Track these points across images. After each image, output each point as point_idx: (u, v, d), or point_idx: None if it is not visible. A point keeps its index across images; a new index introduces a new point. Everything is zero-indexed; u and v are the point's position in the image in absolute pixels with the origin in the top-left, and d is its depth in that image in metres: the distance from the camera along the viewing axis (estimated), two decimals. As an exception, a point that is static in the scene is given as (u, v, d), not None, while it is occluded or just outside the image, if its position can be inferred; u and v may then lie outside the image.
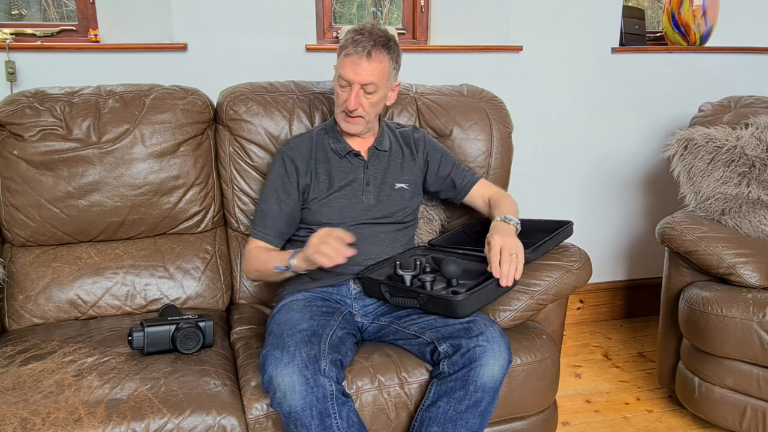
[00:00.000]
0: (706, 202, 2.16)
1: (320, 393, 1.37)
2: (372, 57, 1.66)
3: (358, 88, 1.68)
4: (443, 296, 1.54)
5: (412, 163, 1.86)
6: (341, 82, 1.70)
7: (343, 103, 1.72)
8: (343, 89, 1.71)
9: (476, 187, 1.90)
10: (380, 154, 1.83)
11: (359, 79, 1.67)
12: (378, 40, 1.67)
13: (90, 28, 2.29)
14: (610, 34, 2.64)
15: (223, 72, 2.27)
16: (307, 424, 1.37)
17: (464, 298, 1.51)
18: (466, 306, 1.52)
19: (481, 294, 1.54)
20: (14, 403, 1.38)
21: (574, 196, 2.78)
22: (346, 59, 1.67)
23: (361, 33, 1.67)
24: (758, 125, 2.22)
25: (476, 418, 1.47)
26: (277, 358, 1.40)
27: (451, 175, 1.89)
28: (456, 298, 1.51)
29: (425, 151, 1.89)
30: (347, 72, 1.67)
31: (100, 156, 1.86)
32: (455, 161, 1.92)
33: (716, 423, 1.98)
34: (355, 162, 1.80)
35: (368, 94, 1.70)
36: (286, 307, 1.65)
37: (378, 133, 1.85)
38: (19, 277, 1.83)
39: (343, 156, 1.80)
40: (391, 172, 1.83)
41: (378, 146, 1.83)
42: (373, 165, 1.81)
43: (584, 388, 2.37)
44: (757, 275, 1.96)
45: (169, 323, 1.59)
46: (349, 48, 1.67)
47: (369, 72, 1.67)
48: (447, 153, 1.93)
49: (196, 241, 1.97)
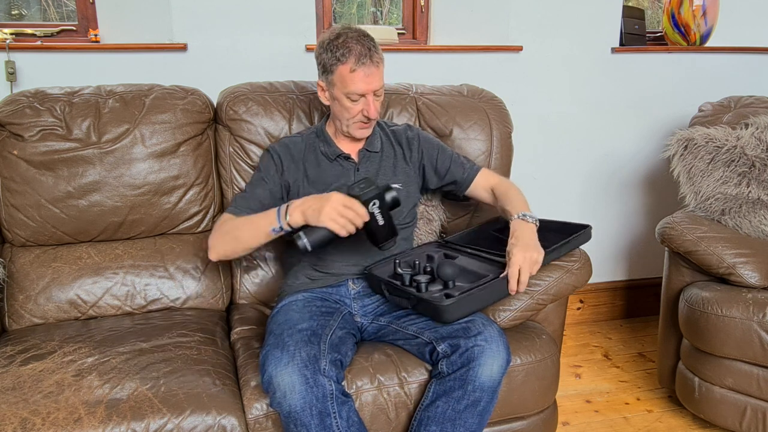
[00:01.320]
0: (706, 202, 2.16)
1: (320, 392, 1.37)
2: (375, 62, 1.66)
3: (372, 95, 1.68)
4: (430, 300, 1.51)
5: (405, 163, 1.85)
6: (352, 97, 1.67)
7: (357, 114, 1.70)
8: (355, 103, 1.68)
9: (478, 179, 1.88)
10: (371, 156, 1.82)
11: (373, 87, 1.66)
12: (369, 43, 1.66)
13: (90, 28, 2.30)
14: (610, 34, 2.64)
15: (223, 72, 2.27)
16: (306, 423, 1.37)
17: (450, 303, 1.48)
18: (452, 311, 1.49)
19: (471, 299, 1.52)
20: (14, 403, 1.38)
21: (574, 196, 2.78)
22: (353, 75, 1.64)
23: (349, 43, 1.64)
24: (758, 125, 2.22)
25: (475, 417, 1.47)
26: (277, 357, 1.40)
27: (450, 169, 1.87)
28: (442, 303, 1.49)
29: (420, 149, 1.87)
30: (360, 86, 1.65)
31: (100, 156, 1.87)
32: (453, 155, 1.90)
33: (716, 423, 1.98)
34: (345, 165, 1.80)
35: (378, 96, 1.71)
36: (285, 307, 1.65)
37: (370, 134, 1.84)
38: (19, 277, 1.83)
39: (334, 159, 1.79)
40: (383, 174, 1.82)
41: (369, 148, 1.82)
42: (364, 167, 1.81)
43: (584, 388, 2.37)
44: (757, 275, 1.96)
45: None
46: (351, 63, 1.63)
47: (379, 77, 1.67)
48: (443, 147, 1.91)
49: (196, 241, 1.97)
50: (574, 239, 1.74)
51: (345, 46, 1.64)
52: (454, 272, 1.58)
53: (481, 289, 1.53)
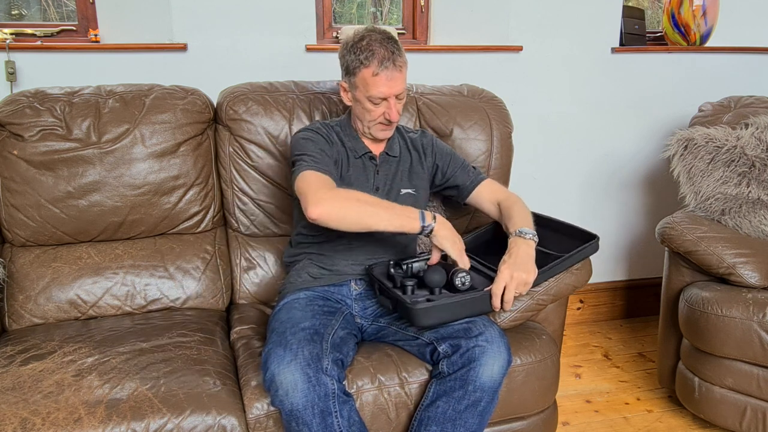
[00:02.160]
0: (706, 202, 2.16)
1: (322, 391, 1.37)
2: (399, 66, 1.64)
3: (394, 98, 1.67)
4: (406, 303, 1.49)
5: (420, 168, 1.85)
6: (374, 100, 1.66)
7: (379, 116, 1.69)
8: (378, 105, 1.67)
9: (481, 188, 1.86)
10: (390, 160, 1.82)
11: (395, 91, 1.65)
12: (393, 47, 1.64)
13: (90, 28, 2.30)
14: (610, 34, 2.64)
15: (223, 72, 2.27)
16: (308, 422, 1.37)
17: (421, 308, 1.47)
18: (422, 316, 1.47)
19: (445, 308, 1.50)
20: (14, 403, 1.38)
21: (574, 196, 2.78)
22: (376, 78, 1.63)
23: (372, 46, 1.62)
24: (758, 125, 2.22)
25: (475, 417, 1.47)
26: (280, 356, 1.40)
27: (456, 174, 1.87)
28: (414, 306, 1.47)
29: (434, 155, 1.87)
30: (383, 90, 1.64)
31: (100, 156, 1.86)
32: (463, 162, 1.89)
33: (716, 423, 1.98)
34: (368, 165, 1.79)
35: (399, 100, 1.70)
36: (287, 305, 1.65)
37: (389, 137, 1.84)
38: (19, 277, 1.83)
39: (359, 157, 1.78)
40: (399, 178, 1.82)
41: (389, 152, 1.81)
42: (383, 170, 1.80)
43: (584, 388, 2.37)
44: (757, 275, 1.96)
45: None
46: (374, 66, 1.62)
47: (402, 81, 1.66)
48: (455, 155, 1.90)
49: (196, 241, 1.97)
50: (577, 254, 1.68)
51: (369, 48, 1.63)
52: (441, 279, 1.56)
53: (461, 303, 1.52)
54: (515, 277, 1.53)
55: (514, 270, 1.54)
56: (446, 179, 1.88)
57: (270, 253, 2.01)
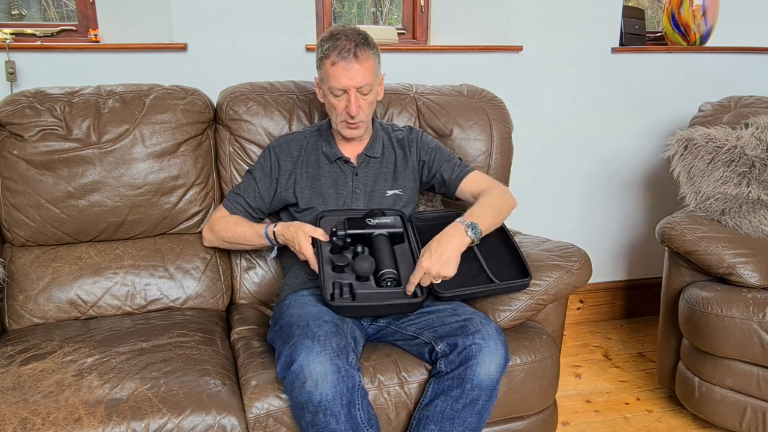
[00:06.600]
0: (706, 202, 2.16)
1: (350, 383, 1.37)
2: (359, 57, 1.65)
3: (355, 92, 1.67)
4: (324, 298, 1.56)
5: (405, 167, 1.84)
6: (335, 92, 1.68)
7: (342, 111, 1.70)
8: (339, 99, 1.69)
9: (466, 181, 1.82)
10: (371, 161, 1.81)
11: (354, 83, 1.66)
12: (358, 39, 1.66)
13: (90, 28, 2.30)
14: (610, 34, 2.64)
15: (223, 72, 2.27)
16: (336, 413, 1.36)
17: (340, 305, 1.53)
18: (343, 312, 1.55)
19: (366, 309, 1.57)
20: (14, 403, 1.38)
21: (574, 196, 2.78)
22: (334, 68, 1.65)
23: (338, 38, 1.65)
24: (758, 125, 2.22)
25: (474, 416, 1.47)
26: (308, 347, 1.38)
27: (442, 167, 1.85)
28: (332, 302, 1.54)
29: (418, 151, 1.86)
30: (341, 80, 1.65)
31: (100, 156, 1.87)
32: (449, 155, 1.87)
33: (716, 423, 1.98)
34: (344, 168, 1.79)
35: (364, 95, 1.69)
36: (296, 302, 1.61)
37: (371, 137, 1.84)
38: (19, 277, 1.83)
39: (333, 161, 1.79)
40: (383, 179, 1.81)
41: (368, 153, 1.81)
42: (363, 172, 1.80)
43: (584, 388, 2.37)
44: (757, 275, 1.96)
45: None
46: (334, 56, 1.64)
47: (362, 73, 1.66)
48: (441, 148, 1.88)
49: (196, 241, 1.97)
50: (502, 287, 1.63)
51: (333, 40, 1.65)
52: (370, 269, 1.56)
53: (379, 305, 1.56)
54: (433, 272, 1.54)
55: (432, 265, 1.53)
56: (432, 174, 1.86)
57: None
